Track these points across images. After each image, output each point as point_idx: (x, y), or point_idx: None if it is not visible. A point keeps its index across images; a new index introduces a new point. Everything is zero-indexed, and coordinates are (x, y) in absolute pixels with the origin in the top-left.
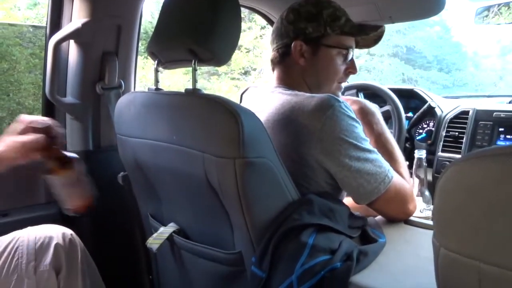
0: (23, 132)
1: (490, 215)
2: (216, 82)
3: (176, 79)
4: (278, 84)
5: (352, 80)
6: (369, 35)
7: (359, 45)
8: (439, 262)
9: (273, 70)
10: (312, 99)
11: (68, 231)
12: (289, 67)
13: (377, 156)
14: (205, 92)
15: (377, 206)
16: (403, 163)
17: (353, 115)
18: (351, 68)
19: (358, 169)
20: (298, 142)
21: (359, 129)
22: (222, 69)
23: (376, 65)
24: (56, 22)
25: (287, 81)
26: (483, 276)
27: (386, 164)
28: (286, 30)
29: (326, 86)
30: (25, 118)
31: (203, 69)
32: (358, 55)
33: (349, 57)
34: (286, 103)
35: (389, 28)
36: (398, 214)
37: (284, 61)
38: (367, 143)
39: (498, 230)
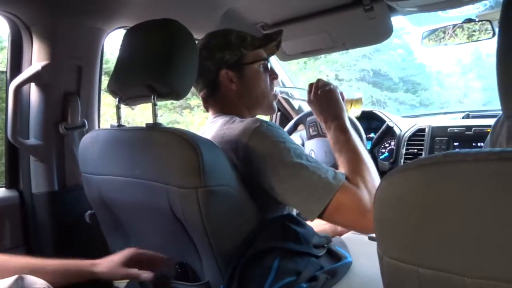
0: (129, 262)
1: (419, 222)
2: (189, 115)
3: (148, 115)
4: (217, 114)
5: None
6: (276, 40)
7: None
8: (384, 270)
9: (207, 108)
10: (240, 124)
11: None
12: (223, 97)
13: (313, 165)
14: (178, 126)
15: (329, 219)
16: (362, 156)
17: (279, 131)
18: (273, 74)
19: (293, 184)
20: (235, 165)
21: (288, 141)
22: (194, 102)
23: (345, 89)
24: (16, 65)
25: (224, 109)
26: (422, 280)
27: (326, 173)
28: (205, 67)
29: (264, 99)
30: (135, 251)
31: (175, 103)
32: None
33: (269, 66)
34: (220, 129)
35: (354, 52)
36: (355, 225)
37: (215, 94)
38: (301, 156)
39: (428, 236)
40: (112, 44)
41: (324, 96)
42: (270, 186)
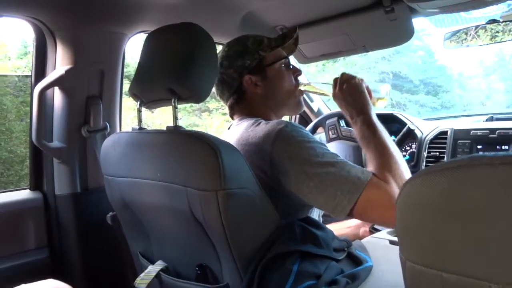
0: None
1: (444, 226)
2: (207, 118)
3: (166, 118)
4: (242, 116)
5: (336, 108)
6: (292, 37)
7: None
8: (407, 275)
9: (233, 116)
10: (264, 126)
11: (64, 286)
12: (249, 102)
13: (340, 164)
14: (197, 129)
15: (359, 215)
16: (391, 150)
17: (304, 131)
18: (296, 71)
19: (318, 184)
20: (258, 170)
21: (312, 141)
22: (212, 105)
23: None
24: (40, 70)
25: (250, 113)
26: (446, 285)
27: (354, 168)
28: (228, 76)
29: (289, 97)
30: None
31: (194, 106)
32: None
33: (289, 64)
34: (244, 132)
35: (374, 55)
36: (386, 220)
37: (242, 101)
38: (326, 155)
39: (452, 240)
40: (132, 48)
41: (349, 89)
42: (297, 187)
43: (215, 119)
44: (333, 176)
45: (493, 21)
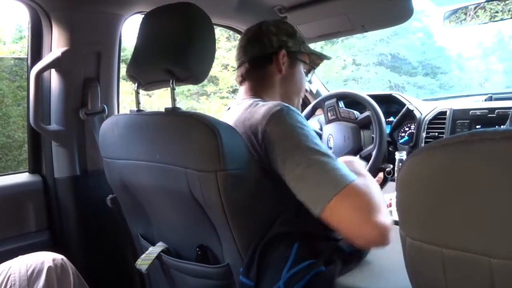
0: None
1: (443, 202)
2: (205, 102)
3: (165, 102)
4: (246, 96)
5: (338, 89)
6: (329, 59)
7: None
8: (406, 251)
9: (241, 83)
10: (263, 106)
11: (59, 256)
12: (264, 77)
13: (331, 159)
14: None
15: (330, 215)
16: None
17: (302, 119)
18: (307, 83)
19: (305, 170)
20: (254, 149)
21: (307, 130)
22: (210, 89)
23: (363, 74)
24: (36, 52)
25: (257, 90)
26: (446, 260)
27: (344, 168)
28: (269, 40)
29: (295, 98)
30: None
31: (192, 90)
32: (344, 65)
33: (310, 76)
34: (243, 113)
35: (372, 36)
36: (354, 228)
37: (258, 72)
38: (318, 145)
39: (452, 216)
40: (128, 31)
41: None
42: (282, 171)
43: (213, 103)
44: (321, 164)
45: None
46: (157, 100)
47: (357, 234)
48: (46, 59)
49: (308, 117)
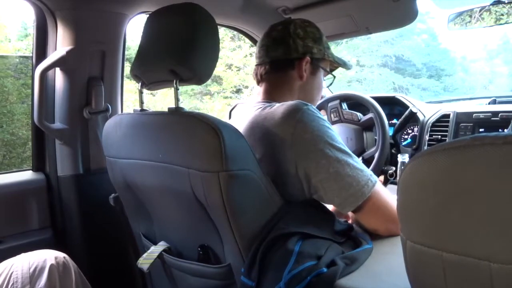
0: None
1: (444, 206)
2: (209, 102)
3: (168, 101)
4: (263, 99)
5: (342, 90)
6: (349, 69)
7: None
8: (407, 255)
9: (258, 83)
10: (281, 107)
11: (61, 254)
12: (283, 82)
13: (356, 159)
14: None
15: (362, 214)
16: None
17: (323, 117)
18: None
19: (337, 170)
20: (273, 151)
21: (332, 130)
22: (214, 88)
23: (367, 75)
24: (41, 51)
25: (275, 94)
26: (447, 264)
27: (366, 169)
28: (294, 44)
29: (313, 102)
30: None
31: (195, 90)
32: None
33: (327, 84)
34: (259, 115)
35: (376, 38)
36: (381, 226)
37: (277, 75)
38: (343, 145)
39: (453, 220)
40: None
41: None
42: (311, 172)
43: (217, 103)
44: (349, 171)
45: (498, 2)
46: (161, 99)
47: (383, 229)
48: (51, 57)
49: None
